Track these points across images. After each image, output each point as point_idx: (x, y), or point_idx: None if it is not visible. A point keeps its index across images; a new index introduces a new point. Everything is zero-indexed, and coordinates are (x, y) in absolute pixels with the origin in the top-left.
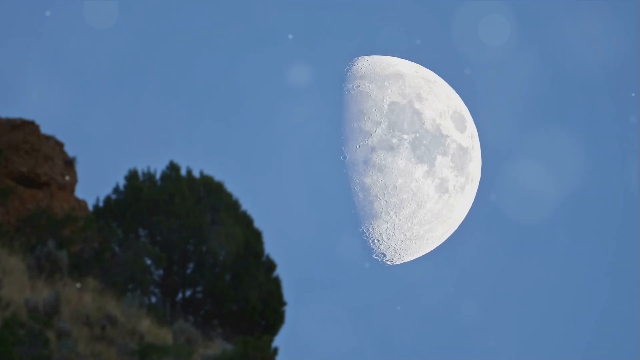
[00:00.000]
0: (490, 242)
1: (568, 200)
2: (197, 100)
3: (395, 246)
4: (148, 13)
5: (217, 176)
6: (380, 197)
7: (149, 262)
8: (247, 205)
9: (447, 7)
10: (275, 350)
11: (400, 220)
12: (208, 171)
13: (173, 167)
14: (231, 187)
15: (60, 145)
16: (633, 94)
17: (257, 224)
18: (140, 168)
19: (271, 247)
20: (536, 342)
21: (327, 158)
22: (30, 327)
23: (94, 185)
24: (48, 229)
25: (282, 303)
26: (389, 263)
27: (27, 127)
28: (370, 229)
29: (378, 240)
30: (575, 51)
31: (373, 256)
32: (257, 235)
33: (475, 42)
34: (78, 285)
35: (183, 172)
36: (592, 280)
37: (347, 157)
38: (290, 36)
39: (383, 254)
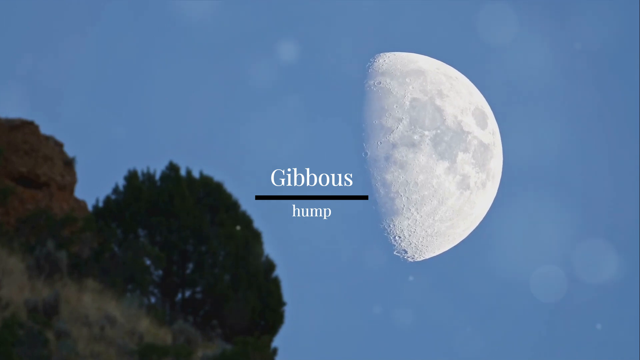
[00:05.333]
0: (511, 239)
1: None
2: (201, 99)
3: (416, 243)
4: (149, 12)
5: (217, 177)
6: (402, 194)
7: (148, 262)
8: (245, 205)
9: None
10: (275, 351)
11: (421, 216)
12: (208, 171)
13: (173, 168)
14: (231, 187)
15: (60, 145)
16: None
17: (258, 224)
18: (140, 168)
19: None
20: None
21: (348, 154)
22: (29, 328)
23: (94, 186)
24: (47, 229)
25: (282, 303)
26: (410, 260)
27: (26, 127)
28: (391, 226)
29: (399, 237)
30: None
31: (394, 253)
32: (256, 236)
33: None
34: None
35: (183, 172)
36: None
37: (368, 154)
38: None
39: (404, 250)
